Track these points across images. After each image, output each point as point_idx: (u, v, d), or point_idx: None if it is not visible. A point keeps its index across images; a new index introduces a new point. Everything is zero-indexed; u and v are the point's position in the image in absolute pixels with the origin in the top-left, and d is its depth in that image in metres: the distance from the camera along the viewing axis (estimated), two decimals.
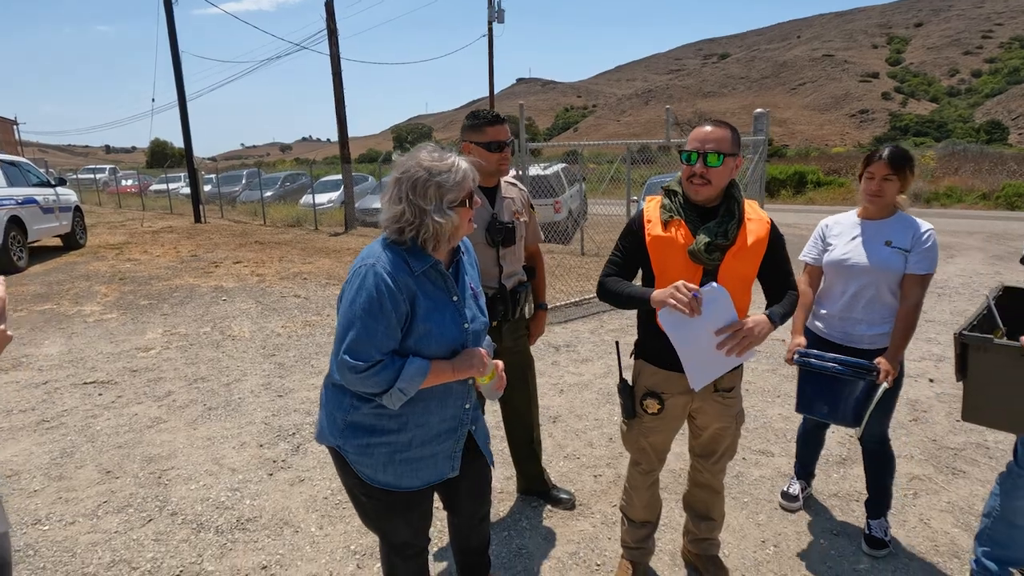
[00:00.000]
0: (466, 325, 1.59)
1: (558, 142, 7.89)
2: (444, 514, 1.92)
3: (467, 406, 1.68)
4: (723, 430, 2.02)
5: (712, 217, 1.84)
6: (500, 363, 1.67)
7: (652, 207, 1.93)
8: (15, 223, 8.89)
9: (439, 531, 2.54)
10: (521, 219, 2.42)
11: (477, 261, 1.81)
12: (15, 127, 33.99)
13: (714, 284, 1.74)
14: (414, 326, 1.50)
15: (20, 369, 4.70)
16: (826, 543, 2.44)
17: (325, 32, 13.78)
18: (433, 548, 2.43)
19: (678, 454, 3.15)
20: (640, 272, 1.97)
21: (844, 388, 2.13)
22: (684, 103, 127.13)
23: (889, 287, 2.23)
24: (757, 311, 1.85)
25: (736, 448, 2.12)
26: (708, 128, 1.79)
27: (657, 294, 1.76)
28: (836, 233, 2.37)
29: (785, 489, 2.74)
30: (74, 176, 27.92)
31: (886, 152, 2.20)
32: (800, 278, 2.38)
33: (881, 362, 2.13)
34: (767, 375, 4.27)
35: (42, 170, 12.00)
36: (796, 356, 2.24)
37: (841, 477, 2.93)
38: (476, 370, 1.55)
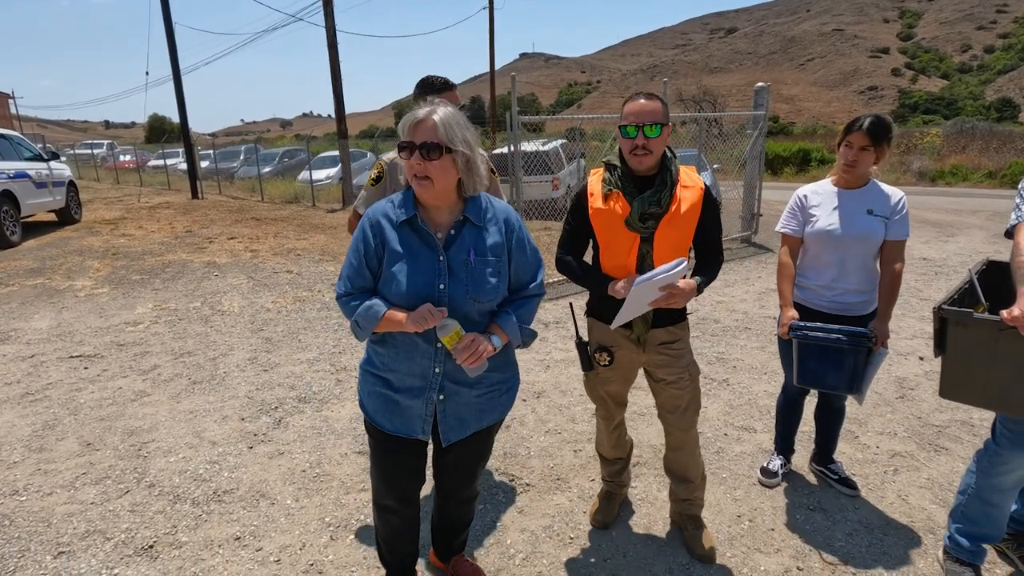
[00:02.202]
0: (441, 286, 1.57)
1: (553, 118, 7.73)
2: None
3: (436, 370, 1.63)
4: (678, 381, 2.10)
5: (649, 187, 1.94)
6: (474, 335, 1.56)
7: (594, 181, 2.05)
8: (7, 197, 8.83)
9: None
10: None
11: (511, 230, 1.67)
12: (11, 101, 33.64)
13: (684, 261, 1.84)
14: (383, 270, 1.59)
15: (8, 343, 4.70)
16: (802, 518, 2.43)
17: (320, 2, 13.50)
18: None
19: (659, 430, 3.14)
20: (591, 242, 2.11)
21: (847, 358, 2.19)
22: (689, 79, 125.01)
23: (873, 253, 2.32)
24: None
25: (700, 401, 2.18)
26: (642, 101, 1.90)
27: (611, 289, 1.95)
28: (816, 203, 2.34)
29: (765, 465, 2.72)
30: (72, 151, 27.69)
31: (866, 123, 2.21)
32: (780, 250, 2.41)
33: (878, 328, 2.23)
34: (755, 352, 4.24)
35: (39, 145, 11.88)
36: (793, 330, 2.25)
37: None
38: (419, 322, 1.49)
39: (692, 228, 1.95)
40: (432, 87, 2.26)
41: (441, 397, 1.66)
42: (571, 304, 2.33)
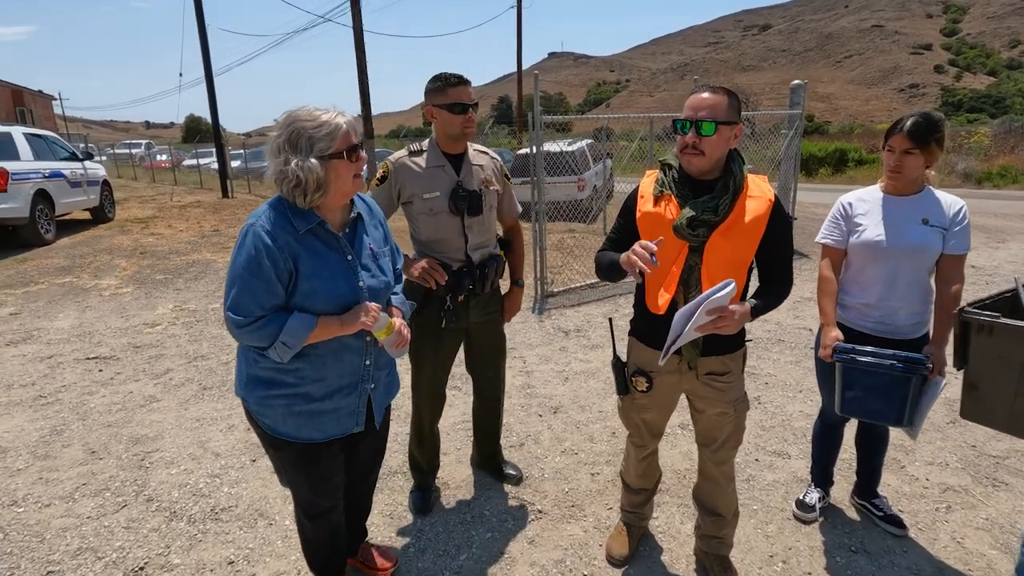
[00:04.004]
0: (360, 284, 1.62)
1: (578, 117, 7.55)
2: None
3: (367, 362, 1.70)
4: (721, 416, 1.90)
5: (708, 192, 1.71)
6: (399, 320, 1.70)
7: (647, 182, 1.84)
8: (43, 196, 9.02)
9: None
10: (491, 188, 2.29)
11: (384, 222, 1.85)
12: (54, 102, 34.96)
13: (732, 283, 1.57)
14: (299, 283, 1.53)
15: (30, 342, 4.72)
16: (843, 561, 2.19)
17: (348, 3, 13.53)
18: None
19: (685, 453, 2.93)
20: None
21: (899, 386, 1.95)
22: (722, 77, 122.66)
23: (927, 269, 2.07)
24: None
25: (741, 438, 1.98)
26: (704, 95, 1.67)
27: (623, 257, 1.65)
28: (863, 212, 2.11)
29: (800, 497, 2.49)
30: (112, 151, 28.53)
31: (908, 123, 1.98)
32: (820, 263, 2.19)
33: (933, 354, 1.99)
34: (790, 367, 3.97)
35: (81, 145, 12.16)
36: (837, 352, 2.03)
37: None
38: (363, 323, 1.56)
39: (753, 244, 1.71)
40: (448, 81, 2.13)
41: (372, 386, 1.74)
42: (610, 320, 2.15)
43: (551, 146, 8.90)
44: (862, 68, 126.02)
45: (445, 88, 2.12)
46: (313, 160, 1.48)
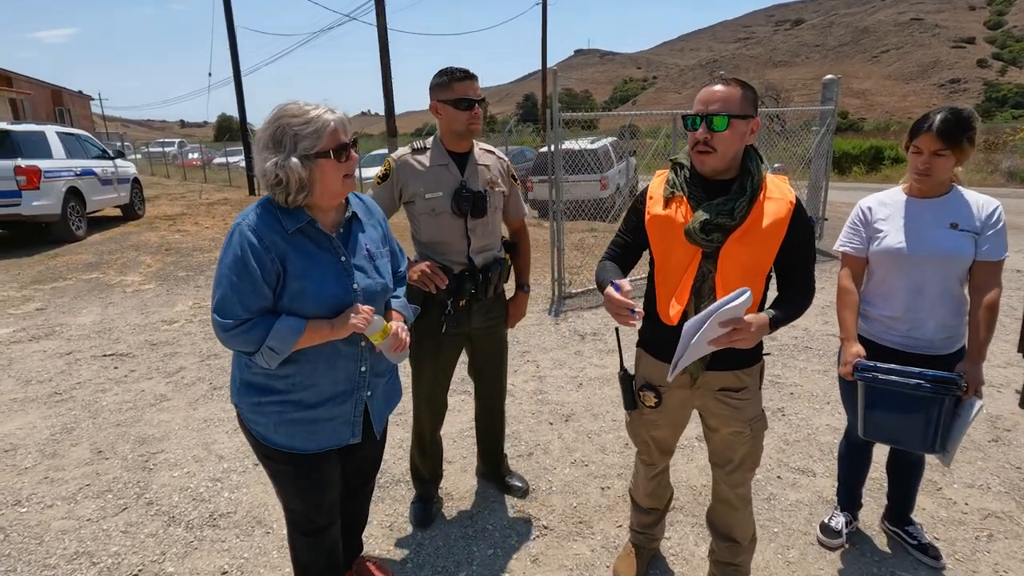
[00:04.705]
0: (355, 286, 1.55)
1: (599, 115, 7.41)
2: None
3: (362, 369, 1.63)
4: (736, 436, 1.76)
5: (723, 193, 1.57)
6: (396, 323, 1.62)
7: (656, 183, 1.71)
8: (74, 194, 9.24)
9: None
10: (496, 189, 2.19)
11: (384, 222, 1.76)
12: (92, 102, 36.12)
13: (747, 291, 1.45)
14: (287, 285, 1.46)
15: (51, 338, 4.80)
16: None
17: (373, 1, 13.56)
18: None
19: (702, 467, 2.78)
20: (647, 255, 1.77)
21: (926, 408, 1.78)
22: (752, 74, 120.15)
23: (958, 277, 1.88)
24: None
25: (758, 460, 1.83)
26: (715, 87, 1.54)
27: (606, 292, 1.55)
28: (884, 216, 1.95)
29: (826, 521, 2.32)
30: (146, 149, 29.29)
31: (936, 121, 1.78)
32: (840, 272, 2.04)
33: (968, 372, 1.81)
34: (817, 377, 3.77)
35: (118, 144, 12.48)
36: (858, 370, 1.86)
37: None
38: (353, 325, 1.49)
39: (772, 250, 1.58)
40: (454, 75, 2.04)
41: (369, 394, 1.67)
42: (617, 330, 1.96)
43: (573, 144, 8.74)
44: (900, 63, 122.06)
45: (451, 83, 2.03)
46: (295, 159, 1.40)
